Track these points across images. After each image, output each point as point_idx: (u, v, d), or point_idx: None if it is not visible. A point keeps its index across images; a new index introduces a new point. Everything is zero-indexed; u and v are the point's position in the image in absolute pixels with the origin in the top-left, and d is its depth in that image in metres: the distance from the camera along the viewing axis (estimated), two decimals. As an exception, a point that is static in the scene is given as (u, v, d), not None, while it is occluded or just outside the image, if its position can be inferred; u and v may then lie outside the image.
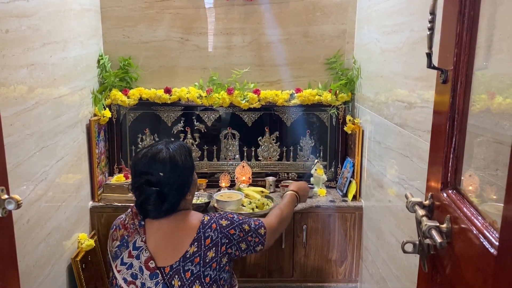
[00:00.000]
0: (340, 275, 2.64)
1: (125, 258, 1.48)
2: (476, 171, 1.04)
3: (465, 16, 0.95)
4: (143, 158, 1.48)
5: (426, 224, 0.98)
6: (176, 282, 1.43)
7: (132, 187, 1.50)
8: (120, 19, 2.66)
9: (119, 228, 1.56)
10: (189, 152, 1.56)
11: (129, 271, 1.46)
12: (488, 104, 1.00)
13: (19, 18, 1.68)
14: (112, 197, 2.52)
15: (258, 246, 1.57)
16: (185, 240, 1.47)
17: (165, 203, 1.46)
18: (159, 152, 1.48)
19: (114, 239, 1.54)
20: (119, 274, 1.47)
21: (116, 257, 1.50)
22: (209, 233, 1.48)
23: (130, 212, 1.57)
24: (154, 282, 1.43)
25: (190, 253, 1.45)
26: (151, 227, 1.51)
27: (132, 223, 1.53)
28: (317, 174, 2.68)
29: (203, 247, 1.46)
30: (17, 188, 1.67)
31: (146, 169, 1.46)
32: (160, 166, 1.46)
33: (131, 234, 1.50)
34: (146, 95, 2.66)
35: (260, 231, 1.57)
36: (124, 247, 1.50)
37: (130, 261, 1.47)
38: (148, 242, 1.48)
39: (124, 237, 1.51)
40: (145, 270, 1.44)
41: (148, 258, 1.45)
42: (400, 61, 1.88)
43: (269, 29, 2.70)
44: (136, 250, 1.47)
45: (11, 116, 1.62)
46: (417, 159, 1.67)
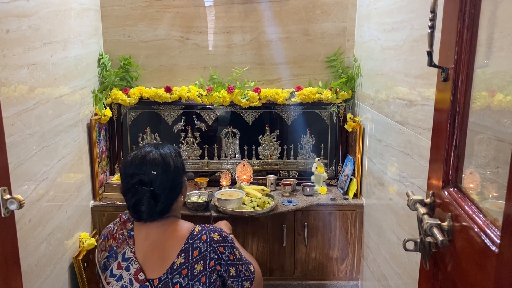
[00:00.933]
0: (341, 273, 2.64)
1: (114, 269, 1.44)
2: (477, 169, 1.04)
3: (465, 14, 0.95)
4: (134, 160, 1.45)
5: (427, 222, 0.98)
6: None
7: (124, 190, 1.46)
8: (120, 18, 2.66)
9: (107, 238, 1.51)
10: (178, 153, 1.53)
11: (119, 283, 1.42)
12: (488, 101, 1.00)
13: (20, 18, 1.68)
14: (113, 196, 2.52)
15: (247, 282, 1.46)
16: (172, 251, 1.41)
17: (158, 204, 1.42)
18: (149, 152, 1.46)
19: (102, 249, 1.50)
20: (108, 286, 1.43)
21: (104, 268, 1.46)
22: (197, 245, 1.41)
23: (118, 221, 1.54)
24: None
25: (177, 265, 1.39)
26: (140, 237, 1.46)
27: (121, 233, 1.49)
28: (318, 172, 2.69)
29: (190, 259, 1.39)
30: (19, 188, 1.67)
31: (138, 169, 1.43)
32: (152, 166, 1.43)
33: (120, 244, 1.46)
34: (146, 94, 2.66)
35: (250, 267, 1.49)
36: (112, 258, 1.46)
37: (119, 273, 1.43)
38: (137, 252, 1.44)
39: (113, 248, 1.47)
40: (135, 283, 1.40)
41: (138, 270, 1.41)
42: (400, 59, 1.87)
43: (269, 27, 2.70)
44: (125, 262, 1.43)
45: (12, 116, 1.62)
46: (417, 157, 1.67)
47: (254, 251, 2.58)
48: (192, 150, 2.81)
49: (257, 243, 2.57)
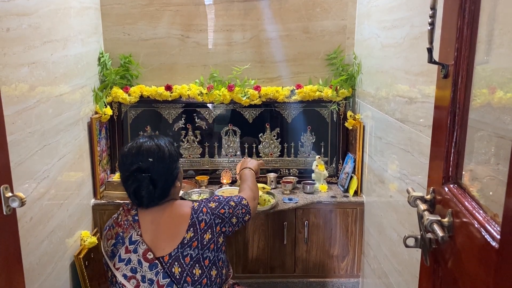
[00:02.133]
0: (342, 271, 2.65)
1: (122, 254, 1.51)
2: (477, 166, 1.05)
3: (465, 11, 0.95)
4: (131, 150, 1.55)
5: (428, 218, 0.98)
6: (176, 269, 1.48)
7: (123, 179, 1.55)
8: (120, 17, 2.66)
9: (112, 227, 1.59)
10: (171, 142, 1.64)
11: (128, 266, 1.49)
12: (489, 98, 1.00)
13: (20, 17, 1.68)
14: (114, 195, 2.52)
15: (246, 216, 1.67)
16: (180, 228, 1.52)
17: (157, 189, 1.52)
18: (144, 142, 1.56)
19: (108, 238, 1.58)
20: (118, 272, 1.50)
21: (112, 255, 1.53)
22: (202, 217, 1.55)
23: (122, 210, 1.62)
24: (154, 272, 1.47)
25: (188, 239, 1.50)
26: (145, 221, 1.55)
27: (126, 219, 1.57)
28: (318, 170, 2.69)
29: (199, 231, 1.52)
30: (20, 186, 1.68)
31: (136, 158, 1.52)
32: (149, 154, 1.53)
33: (126, 230, 1.54)
34: (147, 92, 2.67)
35: (243, 202, 1.68)
36: (120, 244, 1.53)
37: (128, 257, 1.50)
38: (144, 235, 1.52)
39: (119, 234, 1.55)
40: (144, 262, 1.48)
41: (146, 250, 1.49)
42: (400, 56, 1.88)
43: (269, 25, 2.70)
44: (132, 245, 1.51)
45: (13, 114, 1.62)
46: (418, 154, 1.67)
47: (255, 248, 2.58)
48: (192, 148, 2.81)
49: (258, 240, 2.58)
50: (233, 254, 2.59)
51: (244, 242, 2.57)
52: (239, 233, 2.55)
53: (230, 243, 2.56)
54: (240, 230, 2.54)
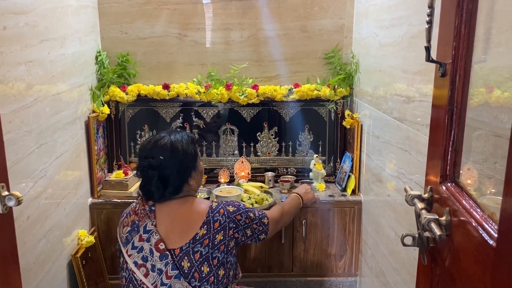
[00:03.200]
0: (340, 269, 2.65)
1: (136, 242, 1.56)
2: (475, 164, 1.05)
3: (463, 9, 0.95)
4: (147, 144, 1.62)
5: (425, 217, 0.98)
6: (185, 263, 1.51)
7: (137, 171, 1.62)
8: (117, 15, 2.65)
9: (129, 215, 1.65)
10: (191, 140, 1.66)
11: (140, 254, 1.54)
12: (486, 97, 1.00)
13: (17, 15, 1.67)
14: (111, 194, 2.52)
15: (262, 235, 1.68)
16: (195, 224, 1.56)
17: (168, 186, 1.57)
18: (161, 138, 1.61)
19: (124, 225, 1.63)
20: (129, 258, 1.55)
21: (126, 242, 1.58)
22: (217, 217, 1.57)
23: (140, 199, 1.66)
24: (164, 263, 1.52)
25: (200, 235, 1.54)
26: (161, 212, 1.59)
27: (143, 208, 1.62)
28: (316, 169, 2.69)
29: (212, 230, 1.55)
30: (17, 185, 1.67)
31: (148, 153, 1.58)
32: (161, 151, 1.57)
33: (141, 218, 1.59)
34: (144, 91, 2.66)
35: (263, 221, 1.68)
36: (135, 231, 1.58)
37: (140, 245, 1.55)
38: (159, 226, 1.57)
39: (135, 222, 1.60)
40: (155, 252, 1.52)
41: (158, 240, 1.53)
42: (398, 55, 1.87)
43: (267, 24, 2.69)
44: (146, 233, 1.55)
45: (9, 113, 1.62)
46: (416, 153, 1.67)
47: (253, 248, 2.58)
48: (190, 147, 2.80)
49: (256, 240, 2.58)
50: (231, 253, 2.58)
51: (242, 241, 2.57)
52: (237, 232, 2.55)
53: (228, 242, 2.56)
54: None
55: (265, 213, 1.72)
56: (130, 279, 1.55)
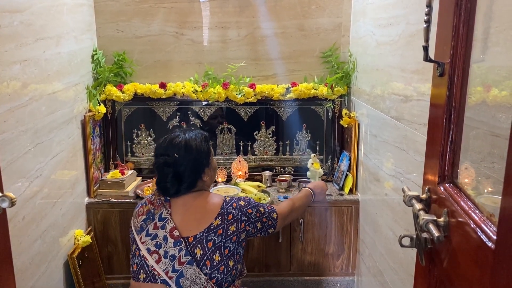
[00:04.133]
0: (337, 269, 2.64)
1: (151, 229, 1.63)
2: (473, 164, 1.04)
3: (461, 9, 0.94)
4: (163, 142, 1.69)
5: (423, 218, 0.97)
6: (198, 251, 1.58)
7: (154, 168, 1.69)
8: (113, 14, 2.64)
9: (145, 204, 1.71)
10: (205, 138, 1.74)
11: (153, 241, 1.60)
12: (484, 96, 1.00)
13: (12, 13, 1.66)
14: (108, 193, 2.51)
15: (271, 229, 1.76)
16: (210, 214, 1.63)
17: (182, 182, 1.64)
18: (176, 137, 1.68)
19: (140, 214, 1.69)
20: (143, 245, 1.61)
21: (141, 230, 1.65)
22: (231, 210, 1.65)
23: (156, 191, 1.72)
24: (177, 249, 1.57)
25: (215, 225, 1.61)
26: (176, 203, 1.66)
27: (159, 199, 1.69)
28: (313, 168, 2.68)
29: (226, 221, 1.63)
30: (12, 185, 1.66)
31: (164, 151, 1.66)
32: (176, 149, 1.64)
33: (157, 207, 1.67)
34: (141, 90, 2.65)
35: (272, 215, 1.77)
36: (150, 220, 1.65)
37: (155, 232, 1.62)
38: (174, 215, 1.64)
39: (151, 211, 1.67)
40: (169, 238, 1.59)
41: (173, 228, 1.60)
42: (396, 54, 1.87)
43: (264, 22, 2.68)
44: (162, 221, 1.63)
45: (4, 112, 1.60)
46: (413, 153, 1.67)
47: (250, 247, 2.58)
48: (187, 147, 2.79)
49: (253, 239, 2.57)
50: (228, 253, 2.57)
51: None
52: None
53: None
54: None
55: (275, 208, 1.80)
56: (142, 265, 1.60)
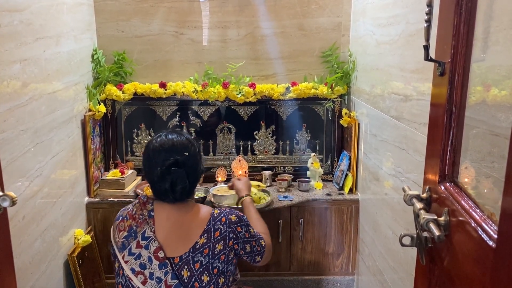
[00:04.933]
0: (337, 268, 2.65)
1: (133, 248, 1.50)
2: (473, 164, 1.04)
3: (462, 8, 0.95)
4: (163, 145, 1.53)
5: (424, 217, 0.98)
6: (185, 273, 1.48)
7: (157, 175, 1.50)
8: (113, 13, 2.63)
9: (126, 219, 1.57)
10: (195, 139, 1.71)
11: (138, 261, 1.49)
12: (484, 96, 1.00)
13: (11, 13, 1.66)
14: (108, 193, 2.51)
15: (258, 257, 1.62)
16: (195, 231, 1.51)
17: (192, 183, 1.54)
18: (175, 137, 1.56)
19: (121, 229, 1.55)
20: (126, 265, 1.50)
21: (123, 247, 1.52)
22: (218, 226, 1.52)
23: (137, 202, 1.59)
24: (163, 271, 1.47)
25: (200, 244, 1.49)
26: (160, 217, 1.53)
27: (141, 213, 1.55)
28: (313, 167, 2.68)
29: (212, 239, 1.51)
30: (12, 184, 1.66)
31: (170, 153, 1.51)
32: (184, 148, 1.53)
33: (140, 224, 1.53)
34: (141, 89, 2.65)
35: (261, 242, 1.63)
36: (132, 237, 1.52)
37: (138, 251, 1.49)
38: (157, 232, 1.51)
39: (132, 228, 1.53)
40: (154, 260, 1.47)
41: (158, 248, 1.48)
42: (395, 53, 1.87)
43: (264, 22, 2.68)
44: (145, 240, 1.50)
45: (4, 112, 1.60)
46: (413, 152, 1.67)
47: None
48: (187, 146, 2.79)
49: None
50: (228, 252, 2.58)
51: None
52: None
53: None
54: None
55: (262, 236, 1.65)
56: (127, 286, 1.50)
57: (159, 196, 1.55)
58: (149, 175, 1.55)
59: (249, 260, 1.61)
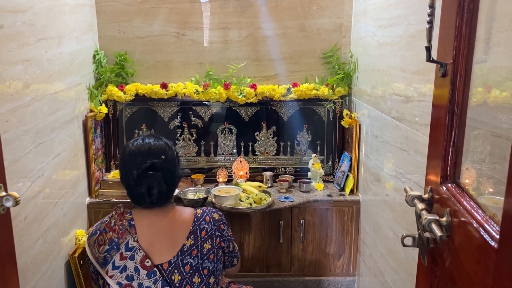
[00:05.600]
0: (338, 269, 2.65)
1: (117, 261, 1.46)
2: (475, 164, 1.04)
3: (464, 9, 0.95)
4: (140, 149, 1.52)
5: (426, 217, 0.98)
6: (176, 277, 1.45)
7: (132, 179, 1.48)
8: (115, 14, 2.64)
9: (105, 232, 1.52)
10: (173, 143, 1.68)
11: (123, 274, 1.45)
12: (485, 97, 1.00)
13: (14, 13, 1.66)
14: (109, 193, 2.51)
15: (235, 259, 1.65)
16: (181, 234, 1.50)
17: (169, 187, 1.51)
18: (153, 141, 1.55)
19: (100, 244, 1.51)
20: (111, 280, 1.45)
21: (105, 262, 1.48)
22: (203, 225, 1.53)
23: (114, 213, 1.56)
24: (152, 280, 1.43)
25: (187, 246, 1.48)
26: (142, 225, 1.50)
27: (121, 224, 1.51)
28: (314, 168, 2.69)
29: (200, 239, 1.50)
30: (14, 185, 1.66)
31: (147, 156, 1.49)
32: (160, 152, 1.51)
33: (121, 235, 1.48)
34: (142, 90, 2.65)
35: (235, 245, 1.67)
36: (114, 250, 1.48)
37: (123, 264, 1.45)
38: (141, 241, 1.48)
39: (113, 240, 1.49)
40: (141, 270, 1.44)
41: (144, 257, 1.45)
42: (397, 54, 1.87)
43: (265, 23, 2.69)
44: (129, 251, 1.46)
45: (6, 112, 1.60)
46: (414, 153, 1.67)
47: (251, 247, 2.58)
48: (188, 147, 2.80)
49: (254, 239, 2.57)
50: (229, 253, 2.58)
51: (240, 241, 2.56)
52: (234, 232, 2.54)
53: (226, 241, 2.55)
54: (236, 228, 2.54)
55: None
56: None
57: (135, 201, 1.53)
58: (125, 179, 1.53)
59: (229, 261, 1.62)
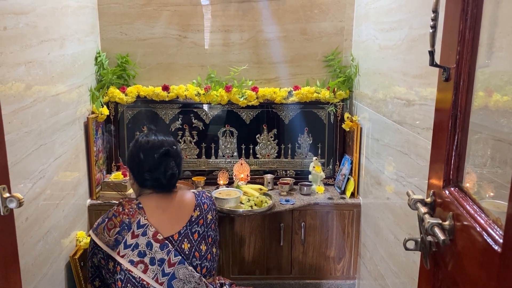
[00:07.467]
0: (338, 272, 2.65)
1: (129, 240, 1.55)
2: (477, 168, 1.05)
3: (468, 14, 0.95)
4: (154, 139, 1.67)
5: (428, 221, 0.98)
6: (185, 245, 1.60)
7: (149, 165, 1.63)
8: (117, 16, 2.65)
9: (114, 217, 1.61)
10: None
11: (135, 251, 1.54)
12: (486, 101, 1.01)
13: (17, 15, 1.66)
14: (110, 195, 2.51)
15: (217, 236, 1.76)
16: (188, 208, 1.67)
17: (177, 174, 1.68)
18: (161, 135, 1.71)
19: (110, 228, 1.58)
20: (123, 259, 1.53)
21: (117, 243, 1.55)
22: (204, 200, 1.73)
23: (122, 201, 1.66)
24: (165, 251, 1.55)
25: (195, 217, 1.66)
26: (150, 207, 1.63)
27: (130, 207, 1.62)
28: (315, 171, 2.69)
29: (204, 211, 1.69)
30: (16, 186, 1.66)
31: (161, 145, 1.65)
32: (172, 143, 1.69)
33: (132, 216, 1.59)
34: (144, 92, 2.65)
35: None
36: (125, 230, 1.57)
37: (134, 242, 1.55)
38: (150, 219, 1.60)
39: (124, 222, 1.58)
40: (154, 243, 1.55)
41: (155, 232, 1.57)
42: (398, 58, 1.88)
43: (267, 26, 2.69)
44: (141, 228, 1.57)
45: (9, 114, 1.61)
46: (415, 157, 1.67)
47: (252, 250, 2.58)
48: (189, 149, 2.80)
49: (255, 242, 2.57)
50: (229, 255, 2.58)
51: (241, 243, 2.56)
52: (235, 234, 2.54)
53: (226, 243, 2.56)
54: (236, 231, 2.54)
55: None
56: (128, 279, 1.52)
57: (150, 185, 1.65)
58: (140, 167, 1.65)
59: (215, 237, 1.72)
